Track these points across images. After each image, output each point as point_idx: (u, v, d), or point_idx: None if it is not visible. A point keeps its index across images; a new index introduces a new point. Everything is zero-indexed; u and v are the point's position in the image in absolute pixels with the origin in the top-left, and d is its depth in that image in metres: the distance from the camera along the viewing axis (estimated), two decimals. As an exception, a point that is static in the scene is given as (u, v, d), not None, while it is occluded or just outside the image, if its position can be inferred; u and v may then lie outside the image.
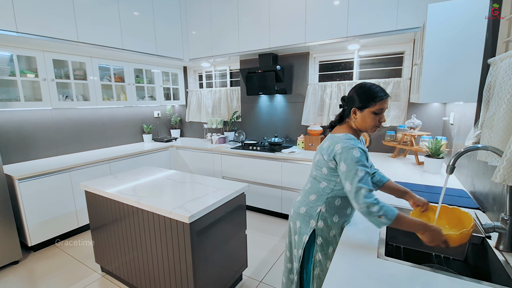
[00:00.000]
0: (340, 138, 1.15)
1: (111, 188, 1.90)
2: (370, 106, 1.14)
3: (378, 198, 1.02)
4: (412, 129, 2.47)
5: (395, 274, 0.89)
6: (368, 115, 1.15)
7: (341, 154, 1.10)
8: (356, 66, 3.05)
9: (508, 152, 0.83)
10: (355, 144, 1.10)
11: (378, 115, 1.15)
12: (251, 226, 2.85)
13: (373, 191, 1.04)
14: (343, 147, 1.10)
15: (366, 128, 1.19)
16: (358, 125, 1.20)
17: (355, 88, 1.19)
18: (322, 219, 1.25)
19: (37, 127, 2.91)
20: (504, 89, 1.00)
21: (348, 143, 1.11)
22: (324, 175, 1.23)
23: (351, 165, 1.07)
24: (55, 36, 2.49)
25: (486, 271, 1.05)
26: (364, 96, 1.14)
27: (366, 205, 1.00)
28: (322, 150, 1.22)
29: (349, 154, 1.08)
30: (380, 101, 1.13)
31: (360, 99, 1.15)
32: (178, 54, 3.73)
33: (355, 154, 1.08)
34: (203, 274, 1.59)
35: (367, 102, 1.14)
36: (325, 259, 1.27)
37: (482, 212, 1.35)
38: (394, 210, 1.00)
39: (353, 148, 1.09)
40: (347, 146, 1.10)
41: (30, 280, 2.16)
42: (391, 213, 0.98)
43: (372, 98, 1.13)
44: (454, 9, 1.46)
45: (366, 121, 1.16)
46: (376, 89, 1.14)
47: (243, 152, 3.21)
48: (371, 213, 0.99)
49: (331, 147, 1.16)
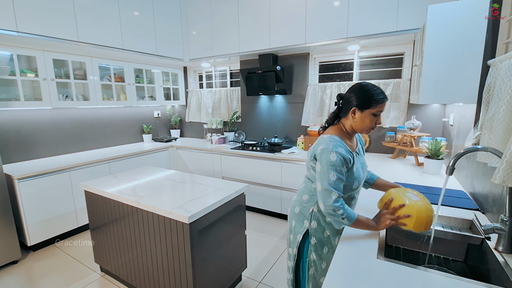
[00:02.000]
0: (324, 140, 1.17)
1: (110, 188, 1.90)
2: (371, 107, 1.14)
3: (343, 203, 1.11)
4: (412, 130, 2.47)
5: (395, 275, 0.89)
6: (367, 116, 1.15)
7: (320, 154, 1.14)
8: (356, 67, 3.05)
9: (508, 153, 0.83)
10: (334, 148, 1.11)
11: (376, 116, 1.16)
12: (250, 227, 2.85)
13: (341, 196, 1.12)
14: (322, 148, 1.13)
15: (362, 129, 1.19)
16: (355, 125, 1.19)
17: (355, 88, 1.18)
18: (315, 219, 1.26)
19: (37, 126, 2.91)
20: (504, 90, 1.00)
21: (328, 145, 1.13)
22: (313, 175, 1.25)
23: (325, 167, 1.11)
24: (55, 35, 2.49)
25: (486, 272, 1.05)
26: (365, 97, 1.14)
27: (333, 208, 1.09)
28: (310, 151, 1.25)
29: (325, 157, 1.11)
30: (381, 103, 1.13)
31: (361, 100, 1.14)
32: (178, 54, 3.74)
33: (331, 157, 1.10)
34: (202, 274, 1.59)
35: (369, 103, 1.13)
36: (320, 260, 1.27)
37: (481, 213, 1.35)
38: (355, 214, 1.11)
39: (331, 151, 1.11)
40: (326, 148, 1.12)
41: (29, 280, 2.15)
42: (352, 216, 1.10)
43: (374, 100, 1.13)
44: (454, 10, 1.46)
45: (365, 122, 1.16)
46: (377, 90, 1.14)
47: (243, 152, 3.21)
48: (335, 215, 1.10)
49: (315, 147, 1.19)
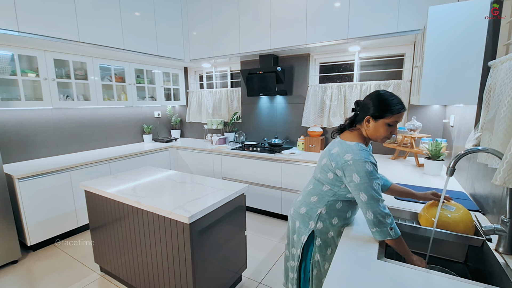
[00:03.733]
0: (351, 148, 1.11)
1: (111, 188, 1.90)
2: (386, 117, 1.10)
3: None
4: (412, 131, 2.47)
5: (395, 276, 0.89)
6: (381, 126, 1.12)
7: (353, 165, 1.08)
8: (357, 68, 3.05)
9: (509, 154, 0.83)
10: (367, 158, 1.08)
11: (391, 127, 1.13)
12: (250, 227, 2.85)
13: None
14: (354, 159, 1.08)
15: (376, 138, 1.16)
16: (369, 133, 1.17)
17: (372, 96, 1.16)
18: (322, 220, 1.25)
19: (38, 126, 2.92)
20: (504, 92, 1.00)
21: (360, 155, 1.08)
22: (329, 180, 1.21)
23: (365, 177, 1.06)
24: (57, 36, 2.50)
25: (486, 273, 1.05)
26: (381, 106, 1.11)
27: (382, 215, 1.04)
28: (331, 156, 1.17)
29: (362, 167, 1.06)
30: (397, 114, 1.10)
31: (377, 108, 1.12)
32: (179, 54, 3.74)
33: (368, 168, 1.06)
34: (202, 274, 1.59)
35: (383, 113, 1.10)
36: (323, 261, 1.27)
37: (482, 214, 1.35)
38: (398, 230, 1.07)
39: (365, 161, 1.07)
40: (360, 159, 1.07)
41: (29, 280, 2.15)
42: (398, 230, 1.06)
43: (389, 110, 1.09)
44: (454, 12, 1.46)
45: (379, 131, 1.14)
46: (394, 100, 1.10)
47: (243, 153, 3.21)
48: (383, 223, 1.04)
49: (340, 155, 1.13)
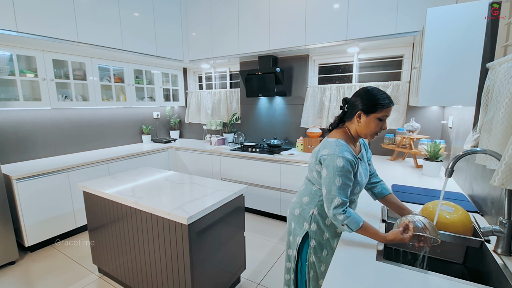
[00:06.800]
0: (330, 143, 1.16)
1: (109, 188, 1.90)
2: (377, 112, 1.12)
3: (348, 209, 1.09)
4: (411, 132, 2.47)
5: (394, 277, 0.89)
6: (372, 121, 1.14)
7: (326, 159, 1.12)
8: (356, 69, 3.06)
9: (507, 155, 0.83)
10: (341, 153, 1.10)
11: (381, 121, 1.15)
12: (249, 228, 2.85)
13: (346, 203, 1.09)
14: (329, 153, 1.12)
15: (367, 133, 1.17)
16: (360, 130, 1.18)
17: (360, 92, 1.18)
18: (315, 221, 1.26)
19: (36, 127, 2.90)
20: (502, 93, 1.00)
21: (335, 150, 1.12)
22: (315, 178, 1.24)
23: (331, 172, 1.09)
24: (55, 36, 2.49)
25: (485, 274, 1.05)
26: (371, 101, 1.13)
27: (333, 214, 1.09)
28: (313, 153, 1.24)
29: (332, 161, 1.10)
30: (386, 108, 1.12)
31: (367, 104, 1.13)
32: (178, 55, 3.74)
33: (338, 163, 1.09)
34: (201, 275, 1.58)
35: (374, 108, 1.12)
36: (319, 262, 1.27)
37: (480, 215, 1.35)
38: (359, 222, 1.07)
39: (337, 156, 1.09)
40: (334, 153, 1.11)
41: (27, 281, 2.14)
42: (355, 225, 1.07)
43: (379, 104, 1.12)
44: (453, 13, 1.47)
45: (370, 126, 1.15)
46: (383, 95, 1.13)
47: (242, 153, 3.21)
48: (336, 220, 1.09)
49: (320, 151, 1.18)
